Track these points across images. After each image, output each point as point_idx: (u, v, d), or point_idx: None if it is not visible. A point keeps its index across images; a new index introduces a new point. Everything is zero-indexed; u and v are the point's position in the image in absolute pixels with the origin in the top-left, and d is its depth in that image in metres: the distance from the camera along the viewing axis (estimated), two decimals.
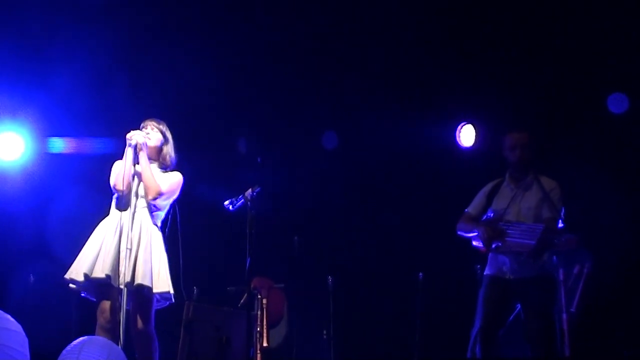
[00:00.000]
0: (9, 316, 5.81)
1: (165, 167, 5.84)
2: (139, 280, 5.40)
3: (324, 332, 7.42)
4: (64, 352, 5.09)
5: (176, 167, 5.89)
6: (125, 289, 5.32)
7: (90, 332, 5.46)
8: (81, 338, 5.20)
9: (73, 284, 5.54)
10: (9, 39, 7.75)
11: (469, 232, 5.92)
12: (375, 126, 8.15)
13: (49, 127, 8.17)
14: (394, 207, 8.14)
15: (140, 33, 7.86)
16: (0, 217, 7.92)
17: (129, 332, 5.41)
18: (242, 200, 5.86)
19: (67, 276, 5.53)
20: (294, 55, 8.07)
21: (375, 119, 8.10)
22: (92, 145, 8.01)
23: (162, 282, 5.54)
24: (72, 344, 5.12)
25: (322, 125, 8.47)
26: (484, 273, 5.94)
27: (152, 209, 5.66)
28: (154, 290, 5.49)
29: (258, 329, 6.86)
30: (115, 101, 7.73)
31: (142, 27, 7.84)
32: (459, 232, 6.02)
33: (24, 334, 5.71)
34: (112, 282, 5.39)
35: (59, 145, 8.21)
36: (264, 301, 6.99)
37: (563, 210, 5.78)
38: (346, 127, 8.44)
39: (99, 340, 5.31)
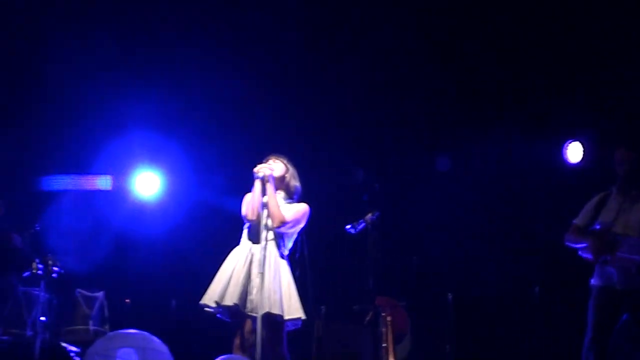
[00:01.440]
0: (155, 338, 6.32)
1: (290, 196, 6.14)
2: (270, 309, 5.64)
3: (447, 346, 7.65)
4: None
5: (302, 196, 6.19)
6: (259, 315, 5.57)
7: (228, 352, 5.78)
8: (221, 357, 5.63)
9: (208, 308, 5.87)
10: (147, 86, 8.36)
11: (578, 244, 6.00)
12: (485, 146, 8.33)
13: (182, 166, 8.75)
14: (506, 223, 8.29)
15: (265, 69, 8.30)
16: (142, 247, 8.51)
17: (263, 353, 5.60)
18: (363, 224, 6.20)
19: (201, 302, 5.85)
20: (406, 82, 8.28)
21: (485, 140, 8.27)
22: (221, 181, 8.50)
23: (293, 308, 5.79)
24: None
25: (434, 148, 8.67)
26: (592, 283, 5.98)
27: (280, 240, 5.95)
28: (285, 317, 5.74)
29: (384, 344, 7.07)
30: (243, 137, 8.22)
31: (268, 64, 8.31)
32: (566, 243, 6.09)
33: (169, 353, 6.20)
34: (241, 309, 5.69)
35: (189, 181, 8.80)
36: (389, 318, 7.21)
37: None
38: (458, 149, 8.61)
39: (237, 358, 5.72)
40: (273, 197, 5.93)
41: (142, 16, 8.16)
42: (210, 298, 5.82)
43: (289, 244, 6.03)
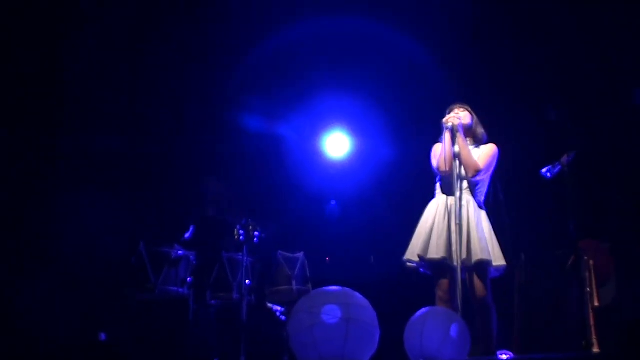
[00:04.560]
0: (357, 293, 6.40)
1: (478, 142, 6.10)
2: (478, 256, 5.66)
3: None
4: (409, 322, 5.54)
5: (489, 140, 6.12)
6: (461, 265, 5.61)
7: (430, 304, 5.82)
8: (424, 309, 5.64)
9: (410, 263, 5.96)
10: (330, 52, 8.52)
11: None
12: None
13: (369, 127, 8.86)
14: None
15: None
16: (336, 207, 8.67)
17: (468, 304, 5.68)
18: (559, 166, 6.05)
19: (405, 258, 5.96)
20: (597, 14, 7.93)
21: None
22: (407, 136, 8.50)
23: (497, 256, 5.78)
24: (416, 314, 5.57)
25: (630, 82, 8.17)
26: None
27: (474, 187, 5.91)
28: (494, 264, 5.74)
29: (588, 289, 6.95)
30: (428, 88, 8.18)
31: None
32: None
33: (372, 308, 6.26)
34: (448, 261, 5.70)
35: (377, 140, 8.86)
36: (591, 262, 7.02)
37: None
38: None
39: (441, 310, 5.71)
40: (465, 147, 5.90)
41: None
42: (413, 252, 5.91)
43: (483, 190, 5.98)
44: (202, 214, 7.68)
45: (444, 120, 5.96)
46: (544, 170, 6.12)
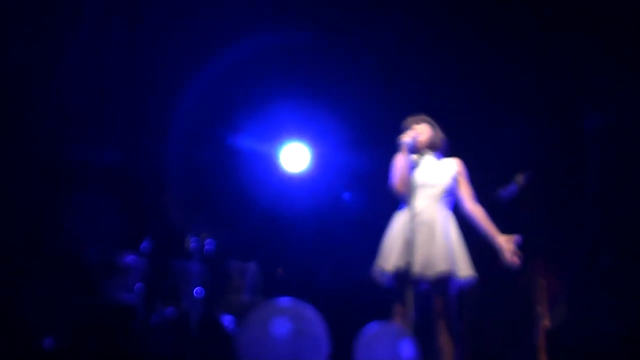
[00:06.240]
0: (308, 306, 6.39)
1: (439, 153, 5.94)
2: (439, 267, 5.49)
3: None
4: (359, 338, 5.51)
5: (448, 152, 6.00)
6: (420, 277, 5.46)
7: (383, 317, 5.68)
8: (374, 325, 5.61)
9: (376, 276, 5.76)
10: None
11: None
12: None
13: (330, 139, 8.78)
14: None
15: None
16: (291, 217, 8.64)
17: (430, 317, 5.55)
18: (515, 186, 6.04)
19: (372, 270, 5.76)
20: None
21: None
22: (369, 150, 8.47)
23: (462, 266, 5.62)
24: (366, 330, 5.55)
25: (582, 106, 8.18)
26: None
27: (444, 195, 5.76)
28: (458, 274, 5.57)
29: (539, 309, 6.96)
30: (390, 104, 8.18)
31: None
32: None
33: (323, 322, 6.25)
34: (409, 272, 5.42)
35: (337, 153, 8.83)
36: (543, 282, 7.06)
37: None
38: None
39: (391, 327, 5.66)
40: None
41: None
42: (378, 263, 5.74)
43: (451, 199, 5.85)
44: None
45: (400, 137, 5.74)
46: (500, 189, 6.11)
